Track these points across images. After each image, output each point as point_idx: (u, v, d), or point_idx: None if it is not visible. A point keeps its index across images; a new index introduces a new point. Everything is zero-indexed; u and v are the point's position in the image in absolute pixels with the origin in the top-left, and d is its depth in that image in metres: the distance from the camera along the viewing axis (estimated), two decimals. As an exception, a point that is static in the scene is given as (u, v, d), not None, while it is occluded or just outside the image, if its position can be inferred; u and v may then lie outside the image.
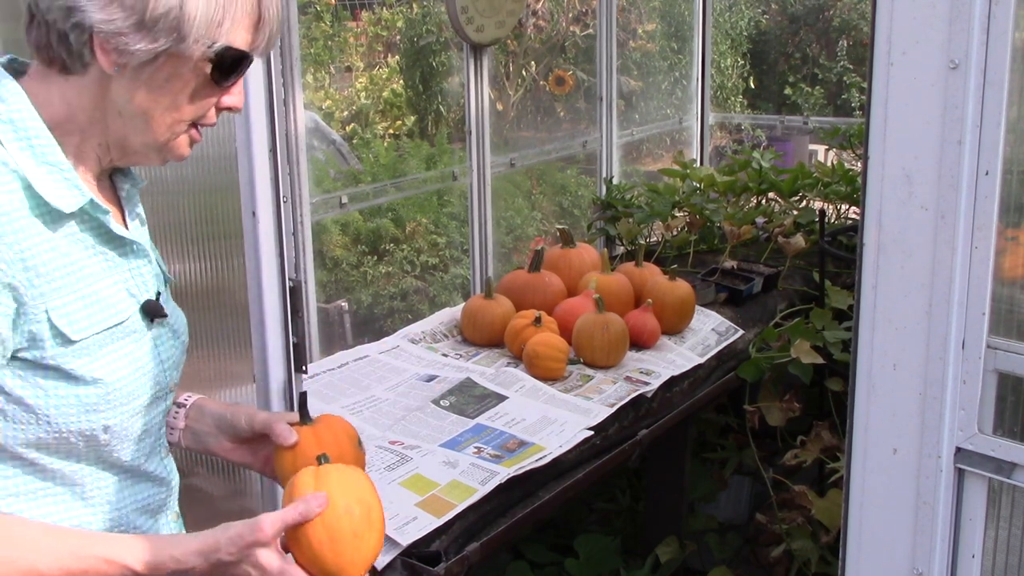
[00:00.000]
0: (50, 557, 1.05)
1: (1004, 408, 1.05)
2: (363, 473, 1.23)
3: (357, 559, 1.16)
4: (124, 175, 1.20)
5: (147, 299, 1.17)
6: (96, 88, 1.10)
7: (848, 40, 9.07)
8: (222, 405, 1.36)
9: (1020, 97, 0.98)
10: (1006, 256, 1.02)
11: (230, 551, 1.11)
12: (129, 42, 1.05)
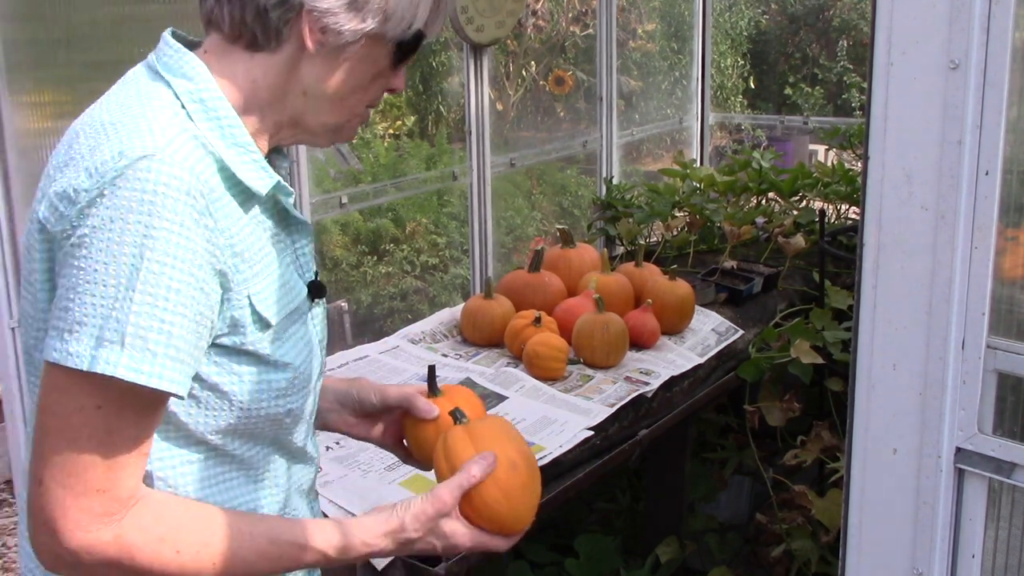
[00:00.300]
0: (248, 542, 1.04)
1: (1004, 408, 1.05)
2: (507, 422, 1.25)
3: (529, 508, 1.19)
4: (281, 154, 1.18)
5: (311, 279, 1.17)
6: (285, 67, 1.07)
7: (848, 40, 9.07)
8: (342, 381, 1.36)
9: (1020, 97, 0.98)
10: (1006, 256, 1.02)
11: (416, 528, 1.13)
12: (339, 22, 1.04)
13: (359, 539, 1.11)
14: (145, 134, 0.97)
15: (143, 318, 0.93)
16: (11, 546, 3.31)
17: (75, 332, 0.92)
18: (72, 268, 0.93)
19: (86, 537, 0.95)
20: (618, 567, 2.60)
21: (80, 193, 0.94)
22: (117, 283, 0.92)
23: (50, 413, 0.95)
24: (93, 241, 0.92)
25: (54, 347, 0.93)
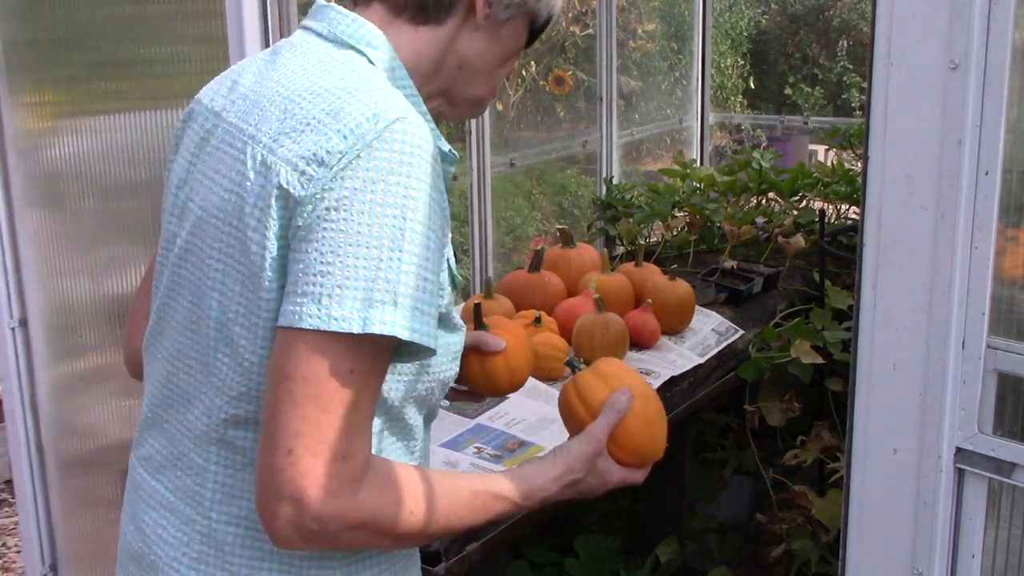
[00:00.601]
0: (458, 496, 1.06)
1: (1004, 408, 1.05)
2: (617, 359, 1.34)
3: (664, 435, 1.24)
4: None
5: None
6: (447, 40, 1.10)
7: (848, 40, 9.07)
8: None
9: (1020, 97, 0.98)
10: (1006, 256, 1.02)
11: (579, 469, 1.17)
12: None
13: (537, 485, 1.15)
14: (388, 97, 0.97)
15: (411, 277, 0.93)
16: (11, 546, 3.31)
17: (336, 295, 0.91)
18: (328, 232, 0.92)
19: (334, 504, 0.93)
20: (618, 567, 2.60)
21: (334, 155, 0.93)
22: (380, 244, 0.92)
23: (299, 380, 0.92)
24: (353, 203, 0.92)
25: (309, 313, 0.91)
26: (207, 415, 1.04)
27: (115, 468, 1.94)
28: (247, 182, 0.97)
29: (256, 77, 1.05)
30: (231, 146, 1.01)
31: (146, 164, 1.67)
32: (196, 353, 1.04)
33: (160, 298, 1.10)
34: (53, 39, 1.79)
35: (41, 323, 1.95)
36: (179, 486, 1.08)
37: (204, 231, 1.02)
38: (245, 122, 1.01)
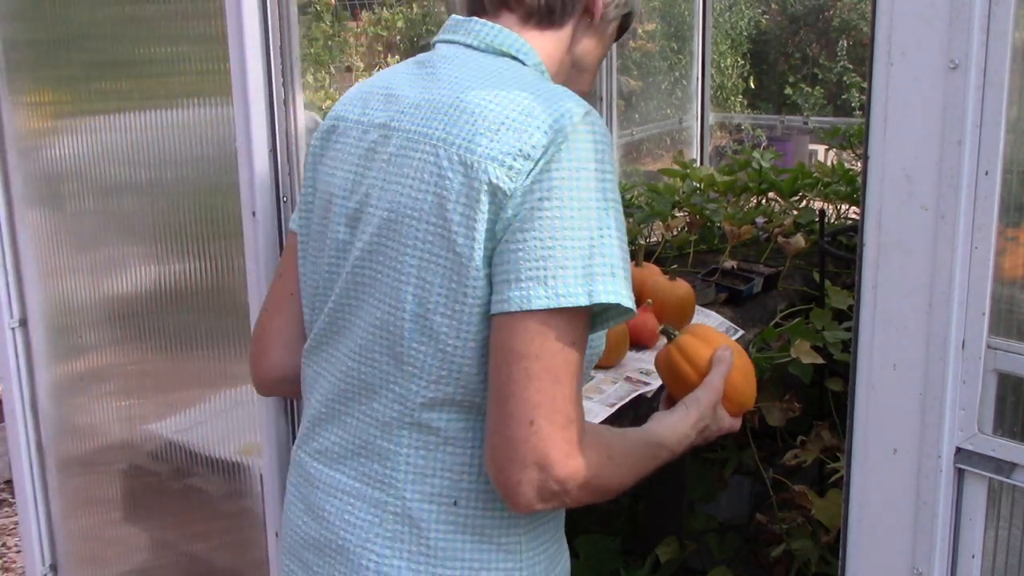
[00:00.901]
0: (639, 448, 1.18)
1: (1004, 408, 1.05)
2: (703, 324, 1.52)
3: (755, 387, 1.41)
4: None
5: None
6: (566, 40, 1.22)
7: (848, 40, 9.07)
8: None
9: (1020, 97, 0.98)
10: (1006, 256, 1.02)
11: (708, 417, 1.29)
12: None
13: (682, 433, 1.25)
14: (567, 94, 1.08)
15: (617, 249, 1.04)
16: (11, 546, 3.31)
17: (559, 276, 1.01)
18: (543, 219, 1.02)
19: (571, 465, 1.04)
20: (618, 567, 2.60)
21: (537, 150, 1.02)
22: (590, 224, 1.02)
23: (533, 358, 1.02)
24: (563, 191, 1.02)
25: (537, 295, 1.01)
26: (399, 402, 1.12)
27: (115, 468, 1.94)
28: (446, 181, 1.05)
29: (419, 89, 1.14)
30: (416, 151, 1.09)
31: (146, 164, 1.67)
32: (383, 347, 1.12)
33: (332, 304, 1.18)
34: (53, 39, 1.79)
35: (41, 323, 1.95)
36: (365, 472, 1.16)
37: (395, 231, 1.10)
38: (429, 128, 1.09)
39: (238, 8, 1.38)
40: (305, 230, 1.24)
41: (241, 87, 1.40)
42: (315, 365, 1.23)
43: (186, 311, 1.69)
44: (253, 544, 1.63)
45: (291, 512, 1.26)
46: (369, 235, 1.12)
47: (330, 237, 1.18)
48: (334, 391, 1.19)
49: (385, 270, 1.11)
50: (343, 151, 1.18)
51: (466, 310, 1.06)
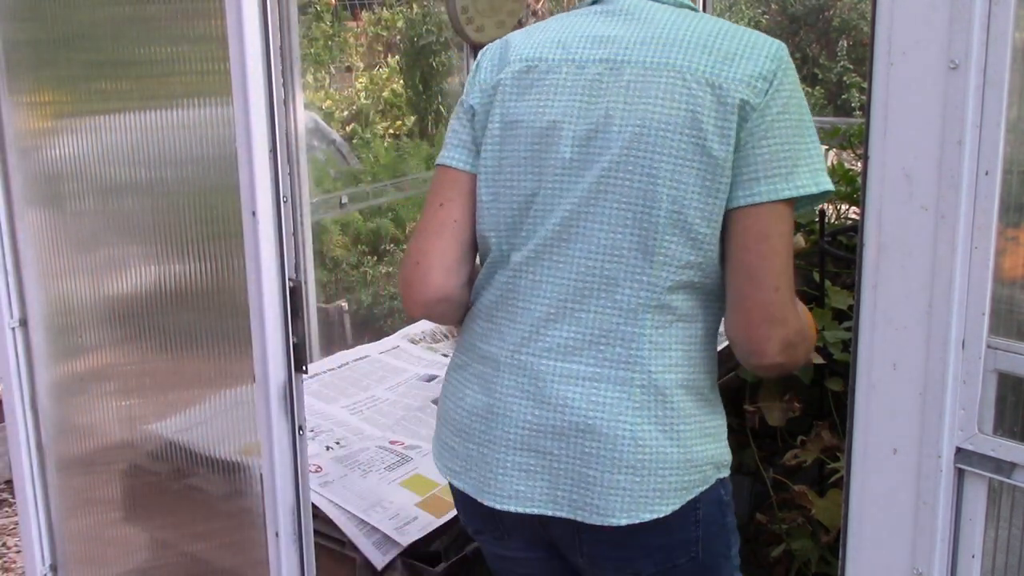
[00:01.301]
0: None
1: (1004, 408, 1.05)
2: None
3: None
4: None
5: None
6: None
7: (848, 40, 9.06)
8: None
9: (1020, 97, 0.98)
10: (1006, 256, 1.02)
11: None
12: None
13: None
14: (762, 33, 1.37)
15: (820, 150, 1.34)
16: (11, 546, 3.31)
17: (796, 172, 1.30)
18: (781, 129, 1.30)
19: (799, 320, 1.36)
20: (618, 567, 2.60)
21: (769, 75, 1.31)
22: (809, 130, 1.33)
23: (777, 237, 1.31)
24: (790, 106, 1.31)
25: (782, 188, 1.30)
26: (646, 289, 1.34)
27: (115, 468, 1.94)
28: (697, 99, 1.30)
29: (634, 29, 1.37)
30: (660, 77, 1.33)
31: (146, 164, 1.67)
32: (633, 243, 1.34)
33: (564, 213, 1.36)
34: (53, 39, 1.79)
35: (41, 323, 1.95)
36: (607, 357, 1.36)
37: (646, 143, 1.32)
38: (667, 58, 1.33)
39: (238, 8, 1.37)
40: (493, 161, 1.41)
41: (241, 87, 1.40)
42: (535, 273, 1.40)
43: (186, 311, 1.68)
44: (253, 544, 1.63)
45: (515, 410, 1.39)
46: (618, 148, 1.33)
47: (550, 158, 1.37)
48: (567, 291, 1.38)
49: (636, 176, 1.32)
50: (557, 85, 1.38)
51: (716, 204, 1.31)
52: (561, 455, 1.36)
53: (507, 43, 1.46)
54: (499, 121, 1.41)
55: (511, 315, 1.41)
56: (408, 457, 1.95)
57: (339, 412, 2.20)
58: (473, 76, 1.47)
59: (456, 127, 1.46)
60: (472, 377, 1.44)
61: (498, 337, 1.42)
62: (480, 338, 1.45)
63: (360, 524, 1.76)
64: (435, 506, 1.80)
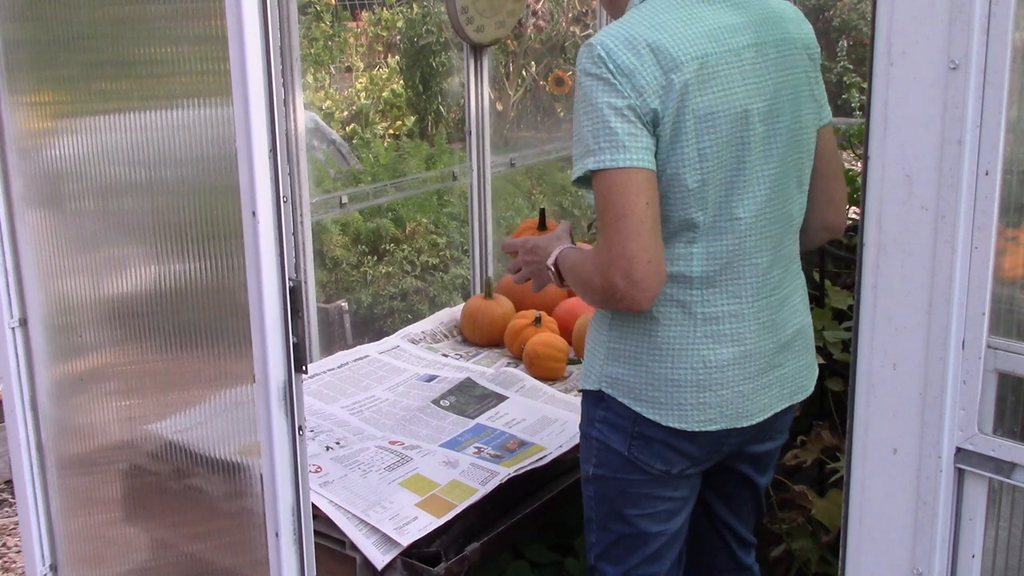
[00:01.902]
0: None
1: (1004, 408, 1.05)
2: None
3: None
4: None
5: None
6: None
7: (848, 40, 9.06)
8: None
9: (1020, 97, 0.98)
10: (1006, 256, 1.02)
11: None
12: None
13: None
14: None
15: None
16: (11, 546, 3.31)
17: (827, 102, 1.77)
18: (820, 74, 1.74)
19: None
20: (618, 567, 2.60)
21: (814, 35, 1.75)
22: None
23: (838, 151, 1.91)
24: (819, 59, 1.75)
25: (829, 113, 1.77)
26: (799, 214, 1.76)
27: (115, 468, 1.94)
28: (805, 61, 1.70)
29: (748, 13, 1.64)
30: (787, 50, 1.67)
31: (146, 164, 1.67)
32: (794, 183, 1.70)
33: (771, 180, 1.65)
34: (53, 39, 1.79)
35: (41, 323, 1.95)
36: (793, 275, 1.80)
37: (798, 104, 1.67)
38: (783, 34, 1.67)
39: (238, 8, 1.37)
40: (693, 151, 1.57)
41: (241, 87, 1.40)
42: (758, 234, 1.66)
43: (186, 311, 1.68)
44: (253, 544, 1.62)
45: (763, 347, 1.69)
46: (789, 116, 1.65)
47: (749, 137, 1.61)
48: (777, 238, 1.70)
49: (804, 134, 1.68)
50: (730, 75, 1.59)
51: (815, 131, 1.73)
52: (787, 362, 1.74)
53: (654, 45, 1.55)
54: (691, 117, 1.55)
55: (739, 274, 1.65)
56: (408, 457, 1.95)
57: (339, 412, 2.20)
58: (626, 80, 1.53)
59: (631, 130, 1.53)
60: (706, 339, 1.64)
61: (732, 296, 1.65)
62: (703, 304, 1.64)
63: (360, 524, 1.76)
64: (435, 506, 1.80)
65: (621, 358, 1.66)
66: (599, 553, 1.77)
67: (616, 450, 1.68)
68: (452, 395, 2.27)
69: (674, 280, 1.63)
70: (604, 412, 1.69)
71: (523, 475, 1.92)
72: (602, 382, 1.68)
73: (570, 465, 2.03)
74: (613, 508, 1.73)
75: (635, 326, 1.65)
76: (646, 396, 1.64)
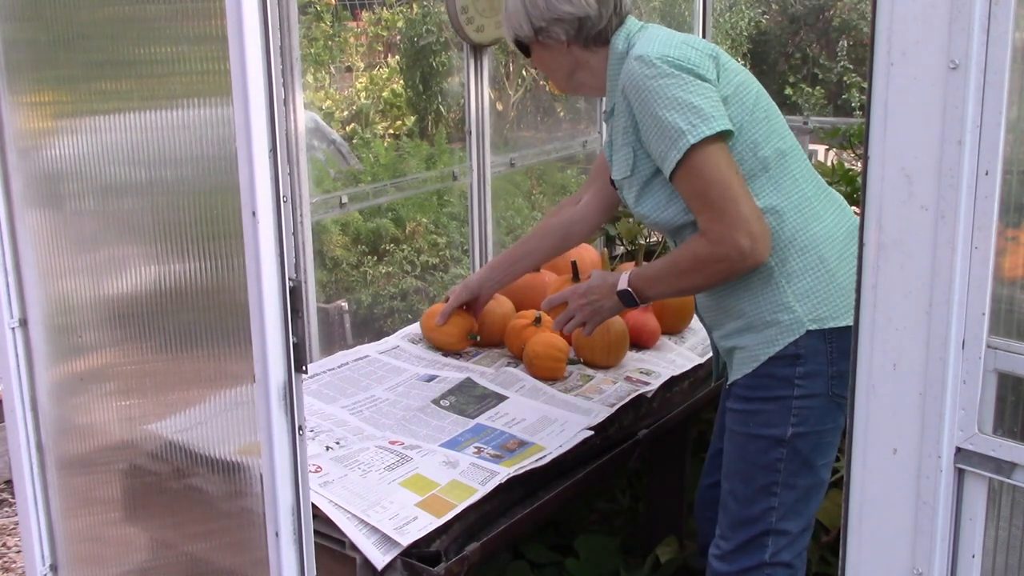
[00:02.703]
0: None
1: (1004, 408, 1.05)
2: None
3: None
4: None
5: None
6: None
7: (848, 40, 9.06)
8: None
9: (1020, 97, 0.98)
10: (1006, 256, 1.02)
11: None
12: None
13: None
14: None
15: None
16: (11, 546, 3.31)
17: None
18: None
19: None
20: (618, 567, 2.60)
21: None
22: None
23: None
24: None
25: None
26: None
27: (115, 468, 1.94)
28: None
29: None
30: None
31: (146, 164, 1.67)
32: None
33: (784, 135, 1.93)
34: (53, 39, 1.79)
35: (41, 323, 1.95)
36: None
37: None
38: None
39: (238, 8, 1.37)
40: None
41: (241, 87, 1.40)
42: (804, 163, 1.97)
43: (186, 311, 1.68)
44: (253, 544, 1.62)
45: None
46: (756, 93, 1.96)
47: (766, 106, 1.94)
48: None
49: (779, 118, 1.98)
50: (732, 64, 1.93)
51: None
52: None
53: (691, 43, 1.90)
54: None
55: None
56: (408, 457, 1.95)
57: (339, 412, 2.20)
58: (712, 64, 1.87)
59: (713, 101, 1.80)
60: (848, 241, 1.87)
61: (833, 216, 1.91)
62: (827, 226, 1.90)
63: (360, 524, 1.76)
64: (435, 506, 1.80)
65: (806, 294, 1.83)
66: (783, 513, 1.87)
67: (818, 394, 1.82)
68: (452, 395, 2.27)
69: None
70: (802, 368, 1.82)
71: (523, 475, 1.92)
72: (807, 324, 1.82)
73: (570, 465, 2.03)
74: (807, 461, 1.85)
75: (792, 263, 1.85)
76: (843, 307, 1.82)
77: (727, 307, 1.91)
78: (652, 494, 2.76)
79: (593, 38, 1.98)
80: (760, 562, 1.88)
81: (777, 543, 1.87)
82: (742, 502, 1.89)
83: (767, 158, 1.86)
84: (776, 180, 1.86)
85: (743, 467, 1.89)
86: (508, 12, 2.04)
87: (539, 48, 2.02)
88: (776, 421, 1.84)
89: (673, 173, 1.79)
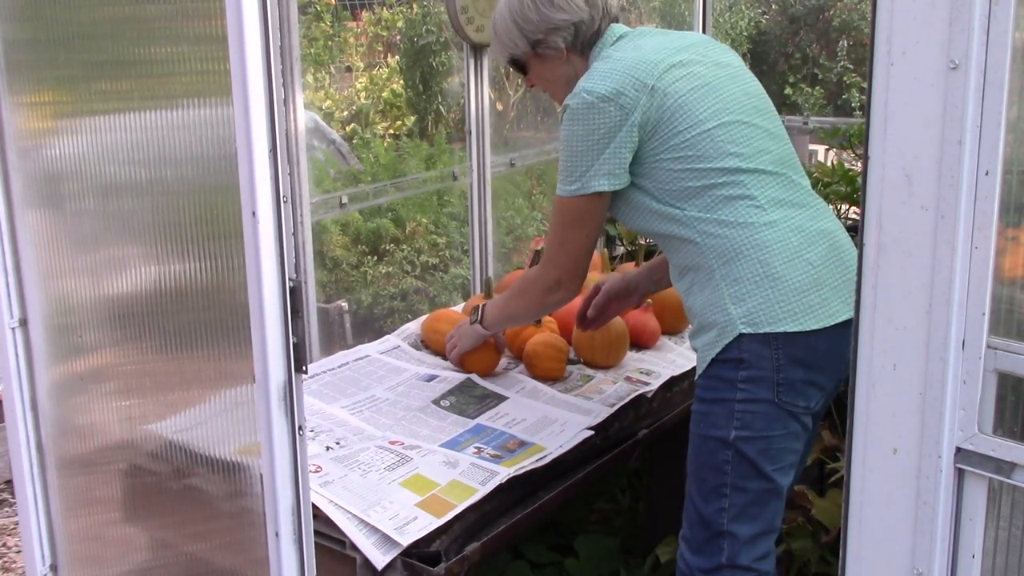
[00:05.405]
0: None
1: (1004, 408, 1.05)
2: None
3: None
4: None
5: None
6: None
7: (848, 40, 9.06)
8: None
9: (1020, 97, 0.98)
10: (1006, 256, 1.02)
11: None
12: None
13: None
14: None
15: None
16: (11, 546, 3.31)
17: None
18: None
19: None
20: (618, 567, 2.60)
21: None
22: None
23: None
24: None
25: None
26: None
27: (115, 468, 1.94)
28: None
29: (682, 39, 2.06)
30: (735, 64, 2.12)
31: (146, 164, 1.67)
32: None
33: (780, 160, 2.02)
34: (53, 39, 1.79)
35: (41, 323, 1.95)
36: None
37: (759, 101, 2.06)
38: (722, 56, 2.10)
39: (238, 8, 1.37)
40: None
41: (241, 87, 1.40)
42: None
43: (186, 311, 1.68)
44: (253, 544, 1.62)
45: (846, 241, 1.93)
46: (758, 107, 2.11)
47: (732, 128, 1.96)
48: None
49: (770, 114, 2.11)
50: (688, 82, 1.96)
51: None
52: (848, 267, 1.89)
53: None
54: None
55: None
56: (408, 457, 1.95)
57: (339, 412, 2.20)
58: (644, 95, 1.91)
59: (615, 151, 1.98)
60: (805, 247, 1.85)
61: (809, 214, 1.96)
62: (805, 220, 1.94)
63: (360, 524, 1.76)
64: (435, 506, 1.80)
65: (742, 297, 1.83)
66: (734, 515, 1.85)
67: (763, 400, 1.81)
68: (452, 395, 2.27)
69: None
70: (744, 372, 1.81)
71: (523, 475, 1.92)
72: (740, 327, 1.81)
73: (570, 465, 2.03)
74: (754, 465, 1.84)
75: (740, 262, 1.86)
76: (783, 312, 1.80)
77: (688, 307, 1.95)
78: (652, 494, 2.76)
79: (588, 42, 2.01)
80: (718, 564, 1.87)
81: (732, 546, 1.85)
82: (697, 502, 1.89)
83: (711, 171, 1.89)
84: (727, 190, 1.88)
85: (696, 467, 1.89)
86: (498, 34, 2.05)
87: (537, 62, 2.05)
88: (721, 423, 1.83)
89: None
